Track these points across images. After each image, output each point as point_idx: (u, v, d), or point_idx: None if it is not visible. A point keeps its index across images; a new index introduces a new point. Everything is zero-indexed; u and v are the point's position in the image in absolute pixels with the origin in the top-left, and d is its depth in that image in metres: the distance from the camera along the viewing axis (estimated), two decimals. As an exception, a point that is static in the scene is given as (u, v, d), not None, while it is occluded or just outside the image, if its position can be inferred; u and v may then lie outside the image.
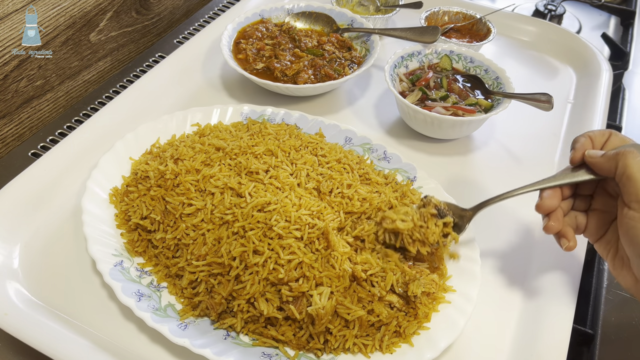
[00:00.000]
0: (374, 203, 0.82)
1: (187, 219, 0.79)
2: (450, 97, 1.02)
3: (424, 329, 0.72)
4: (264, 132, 0.93)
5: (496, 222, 0.90)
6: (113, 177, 0.88)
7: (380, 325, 0.72)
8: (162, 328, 0.68)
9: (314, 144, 0.92)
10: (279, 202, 0.77)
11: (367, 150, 0.96)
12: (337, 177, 0.85)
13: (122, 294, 0.72)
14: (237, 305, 0.72)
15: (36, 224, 0.84)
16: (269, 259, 0.72)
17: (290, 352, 0.70)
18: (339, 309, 0.70)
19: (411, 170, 0.92)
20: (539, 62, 1.28)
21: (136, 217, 0.81)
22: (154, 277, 0.78)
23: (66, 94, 1.17)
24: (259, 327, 0.72)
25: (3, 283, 0.75)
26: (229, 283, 0.73)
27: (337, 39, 1.19)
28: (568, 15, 1.49)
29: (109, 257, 0.77)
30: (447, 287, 0.76)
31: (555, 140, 1.07)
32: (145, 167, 0.87)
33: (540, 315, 0.77)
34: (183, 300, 0.75)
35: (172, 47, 1.26)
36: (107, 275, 0.73)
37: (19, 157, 0.99)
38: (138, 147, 0.93)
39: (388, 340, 0.71)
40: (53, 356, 0.67)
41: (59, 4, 1.07)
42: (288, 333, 0.71)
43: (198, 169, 0.84)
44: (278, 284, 0.72)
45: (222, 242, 0.75)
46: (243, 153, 0.87)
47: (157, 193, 0.83)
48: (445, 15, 1.28)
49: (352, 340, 0.70)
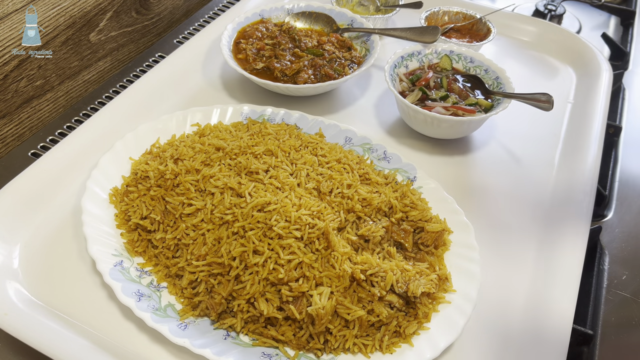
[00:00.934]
0: (374, 203, 0.82)
1: (187, 219, 0.79)
2: (450, 97, 1.02)
3: (424, 329, 0.73)
4: (264, 132, 0.93)
5: (496, 221, 0.90)
6: (113, 177, 0.88)
7: (381, 325, 0.72)
8: (162, 328, 0.69)
9: (314, 144, 0.92)
10: (279, 202, 0.77)
11: (367, 150, 0.96)
12: (337, 177, 0.85)
13: (122, 294, 0.72)
14: (237, 305, 0.72)
15: (36, 224, 0.84)
16: (269, 259, 0.72)
17: (290, 352, 0.70)
18: (339, 309, 0.70)
19: (411, 170, 0.92)
20: (539, 62, 1.28)
21: (136, 217, 0.81)
22: (154, 277, 0.78)
23: (66, 94, 1.17)
24: (259, 327, 0.72)
25: (3, 283, 0.75)
26: (229, 283, 0.73)
27: (337, 39, 1.19)
28: (568, 15, 1.49)
29: (109, 257, 0.77)
30: (447, 287, 0.76)
31: (555, 140, 1.07)
32: (145, 167, 0.87)
33: (540, 315, 0.77)
34: (183, 300, 0.75)
35: (172, 47, 1.26)
36: (107, 275, 0.73)
37: (19, 157, 0.99)
38: (138, 147, 0.93)
39: (388, 340, 0.71)
40: (53, 356, 0.67)
41: (59, 4, 1.07)
42: (288, 333, 0.71)
43: (198, 169, 0.84)
44: (278, 284, 0.72)
45: (222, 242, 0.75)
46: (243, 153, 0.87)
47: (157, 193, 0.83)
48: (445, 15, 1.28)
49: (352, 340, 0.70)
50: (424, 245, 0.81)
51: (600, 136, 1.04)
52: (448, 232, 0.83)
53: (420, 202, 0.86)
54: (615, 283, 0.86)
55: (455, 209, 0.85)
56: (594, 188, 0.95)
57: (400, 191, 0.87)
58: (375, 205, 0.82)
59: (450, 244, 0.82)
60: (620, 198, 1.01)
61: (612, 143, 1.13)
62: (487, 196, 0.95)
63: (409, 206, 0.84)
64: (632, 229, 0.96)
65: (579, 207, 0.91)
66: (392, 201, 0.84)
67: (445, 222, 0.84)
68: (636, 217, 0.98)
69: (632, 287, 0.87)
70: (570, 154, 1.02)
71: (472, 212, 0.91)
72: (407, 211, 0.84)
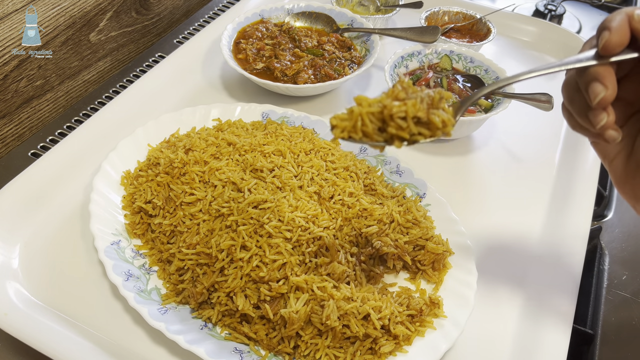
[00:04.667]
0: (375, 214, 0.81)
1: (186, 207, 0.80)
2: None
3: (401, 351, 0.70)
4: (278, 133, 0.94)
5: (496, 221, 0.90)
6: (129, 161, 0.90)
7: (356, 340, 0.69)
8: (142, 310, 0.69)
9: (325, 150, 0.91)
10: (275, 201, 0.77)
11: (380, 162, 0.94)
12: (341, 184, 0.84)
13: (112, 272, 0.73)
14: (216, 297, 0.72)
15: (36, 224, 0.84)
16: (255, 256, 0.72)
17: (262, 352, 0.70)
18: (313, 318, 0.69)
19: (421, 186, 0.89)
20: (539, 62, 1.28)
21: (140, 201, 0.83)
22: (147, 260, 0.79)
23: (66, 94, 1.17)
24: (234, 322, 0.72)
25: (3, 283, 0.75)
26: (213, 274, 0.73)
27: (337, 39, 1.19)
28: (568, 15, 1.49)
29: (108, 236, 0.78)
30: (438, 313, 0.73)
31: (555, 140, 1.07)
32: (158, 154, 0.88)
33: (540, 315, 0.77)
34: (168, 286, 0.76)
35: (172, 47, 1.26)
36: (102, 252, 0.75)
37: (19, 157, 0.99)
38: (158, 135, 0.95)
39: (360, 356, 0.68)
40: (53, 356, 0.67)
41: (59, 4, 1.07)
42: (261, 332, 0.70)
43: (206, 161, 0.85)
44: (259, 282, 0.71)
45: (214, 234, 0.76)
46: (252, 150, 0.87)
47: (164, 180, 0.84)
48: (445, 15, 1.28)
49: (323, 350, 0.68)
50: (422, 263, 0.79)
51: (600, 136, 1.04)
52: (449, 253, 0.80)
53: (424, 220, 0.83)
54: (615, 283, 0.86)
55: (460, 230, 0.83)
56: (594, 188, 0.95)
57: (405, 206, 0.85)
58: (376, 217, 0.81)
59: (450, 268, 0.79)
60: (620, 198, 1.01)
61: (612, 143, 1.13)
62: (487, 196, 0.95)
63: (411, 222, 0.82)
64: (632, 229, 0.96)
65: (579, 207, 0.91)
66: (394, 214, 0.82)
67: (448, 243, 0.81)
68: (636, 217, 0.98)
69: (632, 287, 0.87)
70: (570, 154, 1.02)
71: (472, 212, 0.91)
72: (408, 227, 0.82)
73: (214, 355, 0.66)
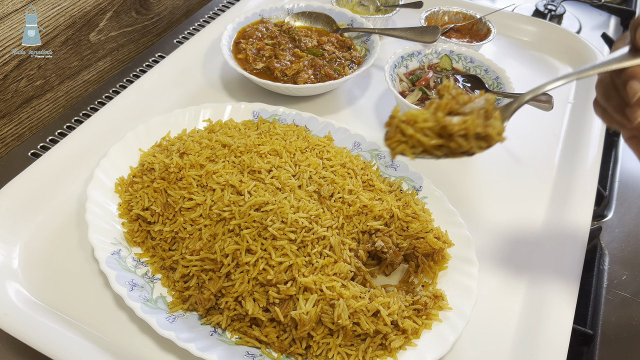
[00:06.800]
0: (375, 210, 0.81)
1: (186, 213, 0.79)
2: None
3: (411, 344, 0.71)
4: (272, 132, 0.93)
5: (496, 221, 0.90)
6: (121, 167, 0.89)
7: (366, 337, 0.70)
8: (151, 319, 0.69)
9: (320, 147, 0.91)
10: (276, 202, 0.77)
11: (374, 157, 0.95)
12: (340, 182, 0.84)
13: (115, 283, 0.72)
14: (224, 303, 0.72)
15: (36, 224, 0.84)
16: (261, 259, 0.72)
17: (273, 354, 0.70)
18: (324, 318, 0.69)
19: (417, 179, 0.90)
20: (539, 62, 1.28)
21: (138, 208, 0.82)
22: (149, 268, 0.78)
23: (66, 94, 1.17)
24: (244, 327, 0.72)
25: (3, 283, 0.75)
26: (219, 280, 0.73)
27: (337, 39, 1.19)
28: (568, 15, 1.49)
29: (107, 246, 0.77)
30: (442, 305, 0.74)
31: (555, 140, 1.07)
32: (151, 159, 0.87)
33: (540, 316, 0.77)
34: (174, 294, 0.75)
35: (172, 47, 1.26)
36: (103, 263, 0.74)
37: (19, 157, 0.99)
38: (149, 139, 0.94)
39: (372, 352, 0.69)
40: (53, 356, 0.67)
41: (59, 4, 1.07)
42: (272, 335, 0.70)
43: (202, 164, 0.84)
44: (267, 285, 0.71)
45: (217, 239, 0.75)
46: (248, 151, 0.87)
47: (160, 185, 0.83)
48: (445, 15, 1.28)
49: (335, 349, 0.69)
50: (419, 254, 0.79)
51: (600, 136, 1.04)
52: (449, 244, 0.80)
53: (423, 213, 0.84)
54: (615, 283, 0.86)
55: (459, 222, 0.83)
56: (594, 188, 0.95)
57: (403, 200, 0.85)
58: (376, 213, 0.81)
59: (449, 260, 0.80)
60: (620, 198, 1.01)
61: (612, 143, 1.13)
62: (487, 196, 0.95)
63: (411, 216, 0.83)
64: (632, 229, 0.96)
65: (579, 207, 0.91)
66: (393, 210, 0.82)
67: (447, 234, 0.81)
68: (636, 217, 0.98)
69: (632, 287, 0.87)
70: (570, 154, 1.02)
71: (471, 211, 0.91)
72: (408, 221, 0.82)
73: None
